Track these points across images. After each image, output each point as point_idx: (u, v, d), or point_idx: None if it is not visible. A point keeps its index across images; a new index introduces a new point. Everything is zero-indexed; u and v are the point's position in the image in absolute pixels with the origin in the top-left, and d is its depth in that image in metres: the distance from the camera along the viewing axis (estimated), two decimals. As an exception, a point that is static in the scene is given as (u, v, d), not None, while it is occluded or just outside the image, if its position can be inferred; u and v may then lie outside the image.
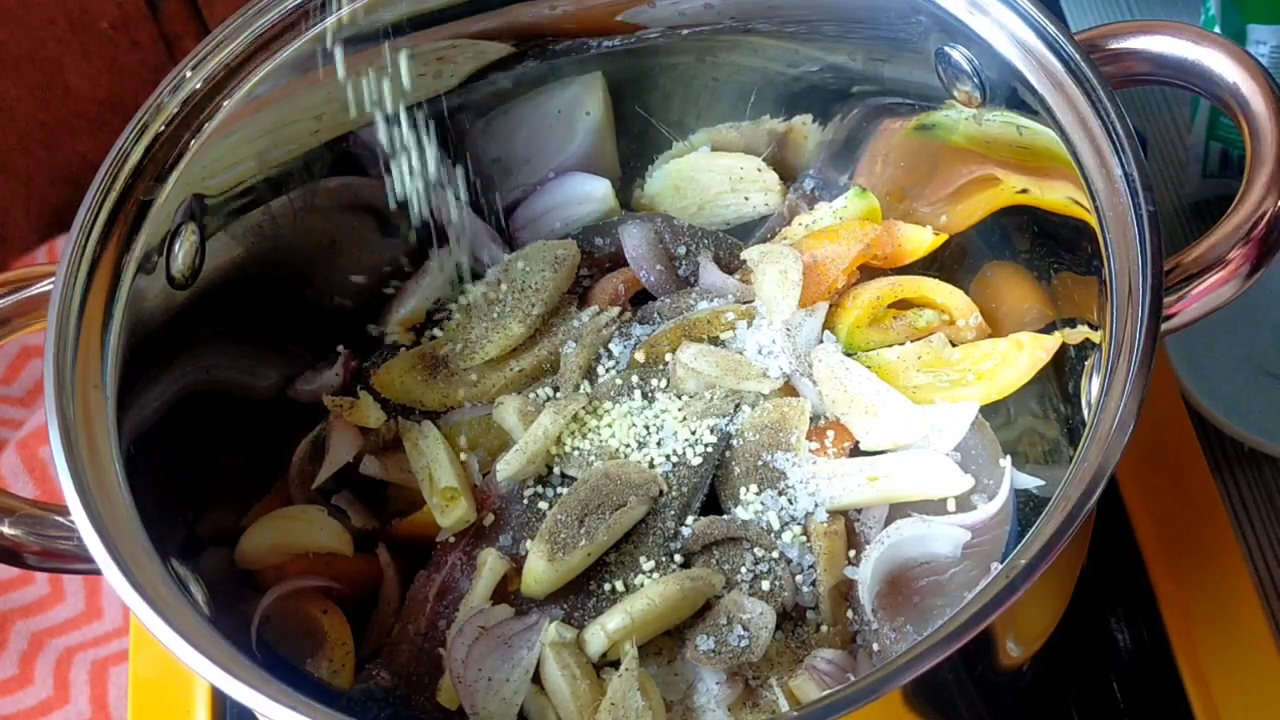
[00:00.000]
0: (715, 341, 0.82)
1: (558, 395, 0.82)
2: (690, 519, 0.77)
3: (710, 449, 0.78)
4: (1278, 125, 0.68)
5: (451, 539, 0.78)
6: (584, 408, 0.80)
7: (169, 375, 0.75)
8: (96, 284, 0.70)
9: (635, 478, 0.76)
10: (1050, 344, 0.76)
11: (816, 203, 0.89)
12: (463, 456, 0.80)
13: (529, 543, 0.76)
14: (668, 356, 0.82)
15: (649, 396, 0.81)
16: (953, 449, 0.78)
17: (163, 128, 0.73)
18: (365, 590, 0.79)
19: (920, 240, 0.84)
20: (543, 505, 0.78)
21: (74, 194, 0.72)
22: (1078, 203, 0.70)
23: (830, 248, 0.82)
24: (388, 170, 0.86)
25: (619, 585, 0.75)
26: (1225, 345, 0.94)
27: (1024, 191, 0.78)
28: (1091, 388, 0.69)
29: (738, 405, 0.80)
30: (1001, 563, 0.70)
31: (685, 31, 0.85)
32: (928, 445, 0.78)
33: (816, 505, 0.76)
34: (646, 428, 0.79)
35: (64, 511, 0.65)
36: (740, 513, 0.77)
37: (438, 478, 0.78)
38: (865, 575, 0.73)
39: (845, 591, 0.75)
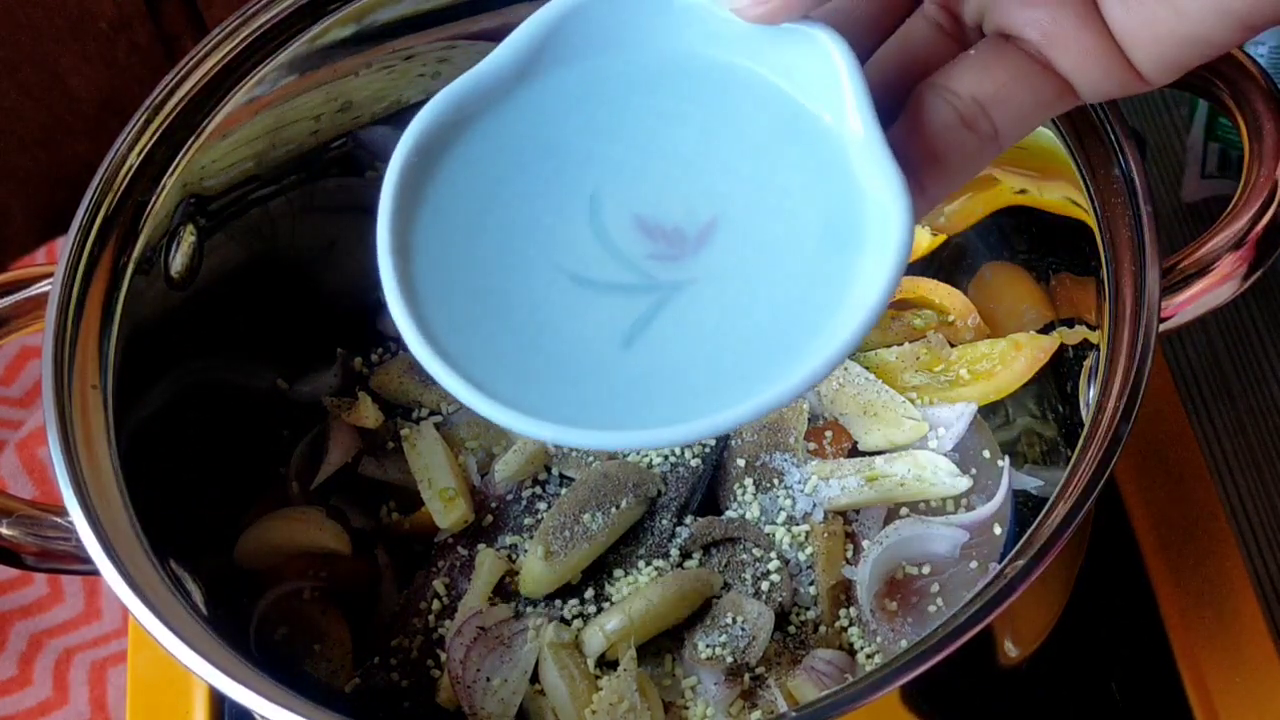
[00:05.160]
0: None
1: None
2: (688, 519, 0.77)
3: (708, 449, 0.78)
4: (1276, 126, 0.68)
5: (450, 539, 0.78)
6: (582, 408, 0.80)
7: (167, 376, 0.75)
8: (95, 284, 0.70)
9: (633, 478, 0.76)
10: (1048, 344, 0.76)
11: (815, 203, 0.89)
12: (461, 457, 0.80)
13: (528, 543, 0.76)
14: (666, 357, 0.81)
15: (648, 397, 0.81)
16: (951, 449, 0.78)
17: (161, 128, 0.73)
18: (364, 590, 0.79)
19: (918, 240, 0.84)
20: (541, 505, 0.78)
21: (73, 194, 0.71)
22: (1076, 203, 0.70)
23: (829, 248, 0.82)
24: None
25: (617, 586, 0.75)
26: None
27: (1022, 192, 0.78)
28: (1090, 388, 0.69)
29: (736, 405, 0.80)
30: (1000, 563, 0.70)
31: (684, 32, 0.85)
32: (926, 446, 0.78)
33: (815, 505, 0.76)
34: (645, 428, 0.79)
35: (62, 512, 0.65)
36: (738, 513, 0.77)
37: (436, 479, 0.78)
38: (864, 575, 0.74)
39: (844, 592, 0.75)
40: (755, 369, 0.49)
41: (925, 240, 0.84)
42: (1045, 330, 0.77)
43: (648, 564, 0.75)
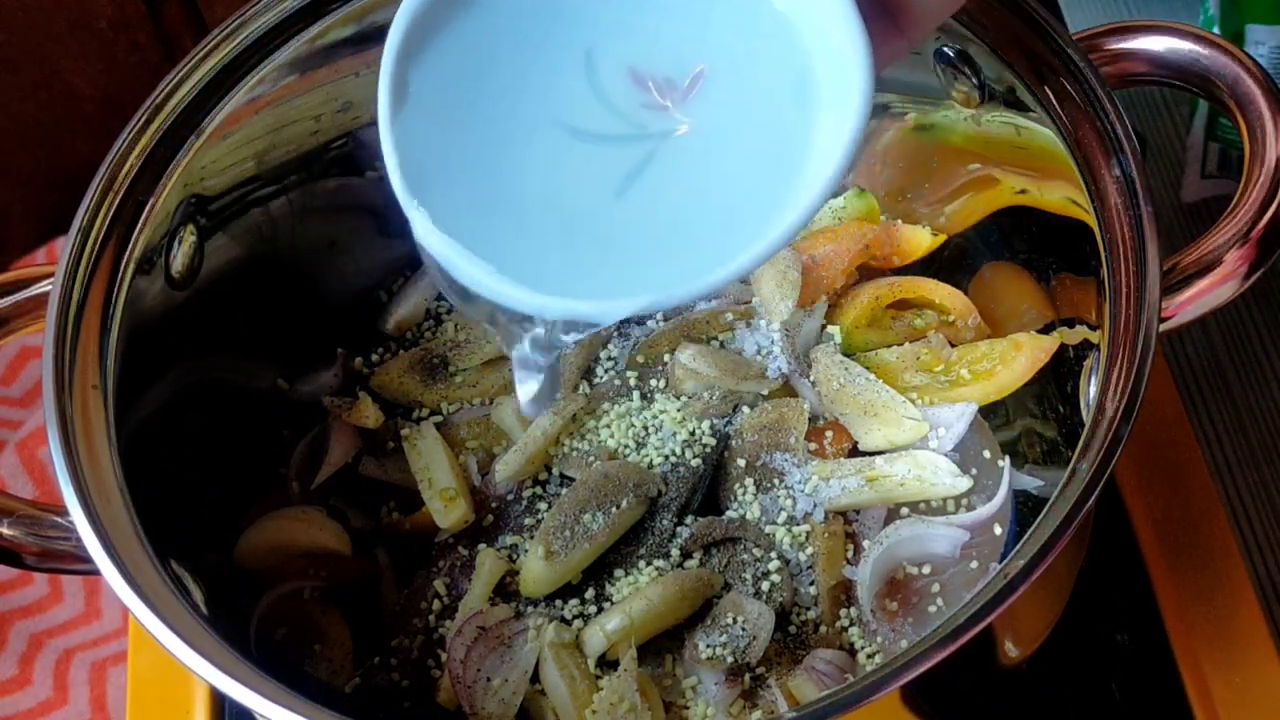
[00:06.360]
0: (714, 342, 0.82)
1: (556, 396, 0.82)
2: (689, 519, 0.77)
3: (709, 449, 0.78)
4: (1276, 125, 0.68)
5: (450, 539, 0.78)
6: (582, 408, 0.80)
7: (168, 375, 0.75)
8: (95, 284, 0.70)
9: (634, 478, 0.76)
10: (1049, 344, 0.76)
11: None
12: (461, 457, 0.80)
13: (528, 543, 0.76)
14: (666, 357, 0.82)
15: (647, 397, 0.81)
16: (951, 449, 0.78)
17: (162, 128, 0.73)
18: (364, 590, 0.79)
19: (919, 240, 0.84)
20: (541, 505, 0.78)
21: (73, 194, 0.71)
22: (1076, 203, 0.70)
23: (829, 248, 0.82)
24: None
25: (618, 586, 0.75)
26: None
27: (1023, 192, 0.78)
28: (1090, 388, 0.69)
29: (736, 406, 0.80)
30: (1000, 563, 0.70)
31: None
32: (926, 446, 0.78)
33: (815, 505, 0.76)
34: (645, 428, 0.79)
35: (62, 512, 0.65)
36: (739, 513, 0.77)
37: (436, 479, 0.78)
38: (864, 575, 0.74)
39: (844, 592, 0.75)
40: (738, 222, 0.51)
41: (925, 240, 0.84)
42: (1045, 330, 0.77)
43: (648, 564, 0.75)
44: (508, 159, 0.53)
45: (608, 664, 0.73)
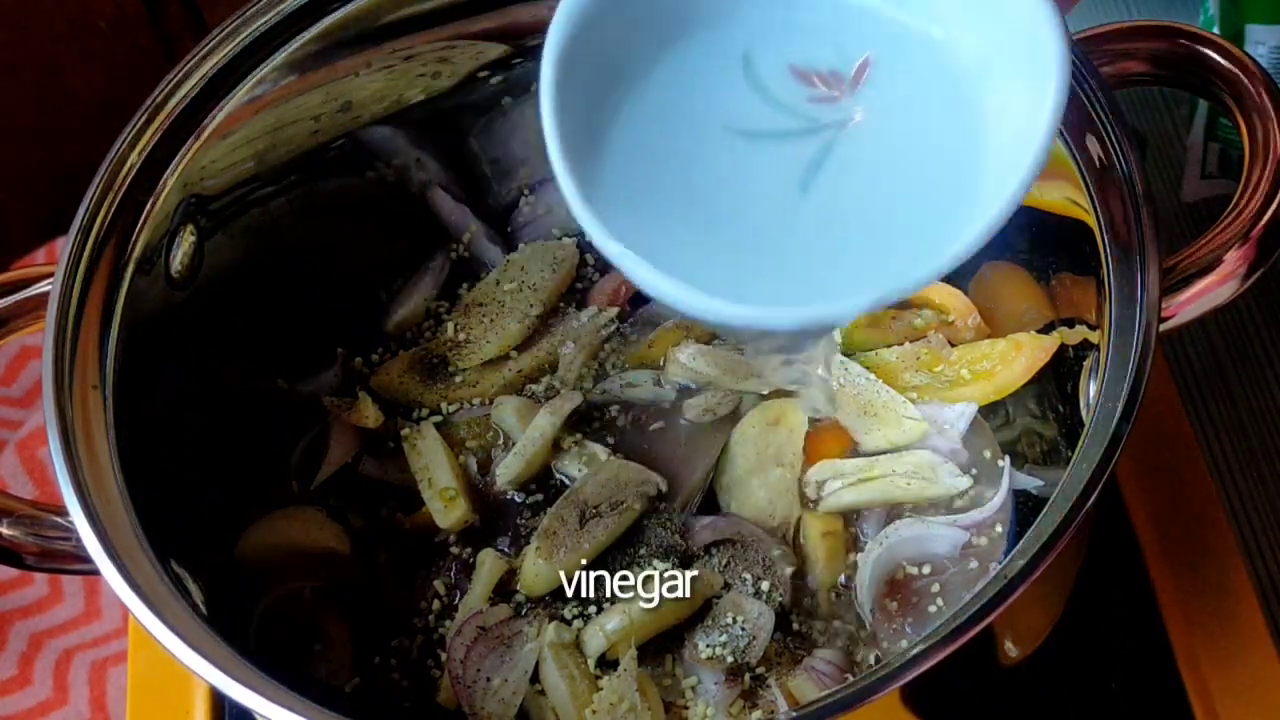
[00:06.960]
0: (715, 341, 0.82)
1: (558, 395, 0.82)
2: (689, 519, 0.77)
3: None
4: (1276, 126, 0.68)
5: (450, 539, 0.78)
6: (580, 407, 0.80)
7: (168, 375, 0.75)
8: (95, 284, 0.70)
9: (634, 477, 0.76)
10: (1049, 344, 0.76)
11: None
12: (461, 457, 0.80)
13: (528, 543, 0.76)
14: (664, 357, 0.82)
15: (648, 397, 0.81)
16: (951, 449, 0.78)
17: (161, 128, 0.73)
18: (364, 590, 0.79)
19: (919, 240, 0.84)
20: (542, 505, 0.78)
21: (73, 194, 0.72)
22: (1076, 203, 0.70)
23: (829, 248, 0.82)
24: (387, 171, 0.86)
25: (618, 586, 0.75)
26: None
27: (1023, 192, 0.78)
28: (1090, 388, 0.69)
29: (736, 405, 0.80)
30: (1000, 563, 0.70)
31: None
32: (926, 446, 0.78)
33: (815, 505, 0.76)
34: (645, 428, 0.79)
35: (62, 512, 0.65)
36: (739, 513, 0.77)
37: (436, 479, 0.78)
38: (864, 576, 0.74)
39: (844, 592, 0.75)
40: (944, 201, 0.49)
41: (925, 240, 0.84)
42: (1045, 330, 0.77)
43: (648, 564, 0.75)
44: (689, 174, 0.52)
45: (608, 664, 0.73)
